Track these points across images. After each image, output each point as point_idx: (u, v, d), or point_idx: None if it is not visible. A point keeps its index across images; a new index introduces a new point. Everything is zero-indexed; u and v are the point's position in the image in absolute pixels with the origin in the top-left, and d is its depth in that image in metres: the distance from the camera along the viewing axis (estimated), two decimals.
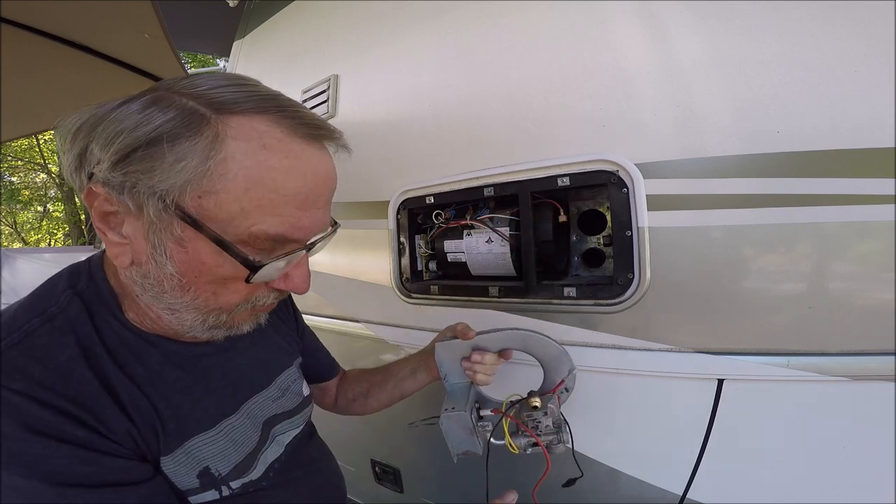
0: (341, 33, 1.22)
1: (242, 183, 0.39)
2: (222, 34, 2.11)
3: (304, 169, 0.42)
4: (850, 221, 0.62)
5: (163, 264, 0.42)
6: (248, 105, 0.40)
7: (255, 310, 0.50)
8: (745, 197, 0.67)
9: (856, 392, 0.65)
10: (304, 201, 0.43)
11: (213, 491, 0.51)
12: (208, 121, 0.39)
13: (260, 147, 0.40)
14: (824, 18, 0.64)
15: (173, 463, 0.48)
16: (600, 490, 0.85)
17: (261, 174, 0.40)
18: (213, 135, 0.39)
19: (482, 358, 0.69)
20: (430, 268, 1.04)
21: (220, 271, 0.42)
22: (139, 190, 0.39)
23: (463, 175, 0.92)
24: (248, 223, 0.40)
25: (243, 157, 0.39)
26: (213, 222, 0.40)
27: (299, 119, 0.42)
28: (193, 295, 0.44)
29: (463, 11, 0.95)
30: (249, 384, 0.60)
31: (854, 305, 0.65)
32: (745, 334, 0.69)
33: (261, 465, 0.58)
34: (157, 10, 1.15)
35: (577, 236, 0.91)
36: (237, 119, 0.40)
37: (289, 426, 0.65)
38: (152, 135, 0.38)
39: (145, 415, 0.46)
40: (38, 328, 0.43)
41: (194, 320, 0.46)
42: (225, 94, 0.41)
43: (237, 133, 0.39)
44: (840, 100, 0.63)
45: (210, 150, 0.38)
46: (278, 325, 0.72)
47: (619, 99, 0.75)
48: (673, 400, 0.76)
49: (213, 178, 0.39)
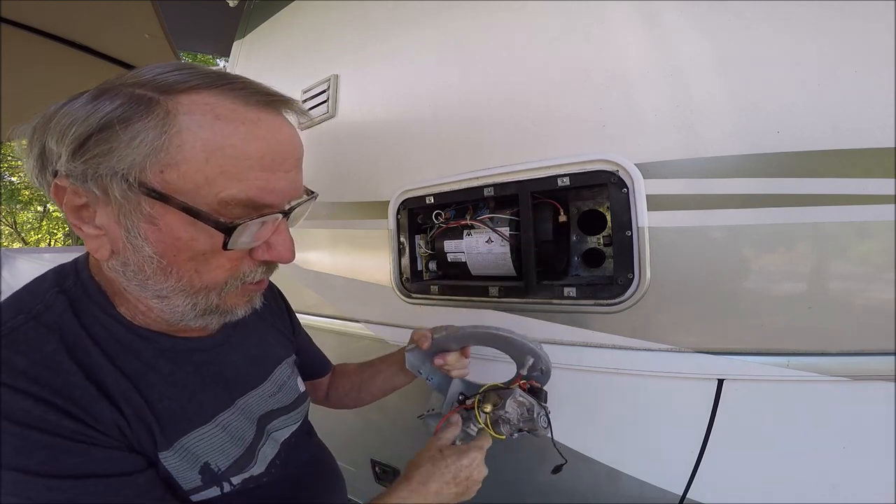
0: (341, 33, 1.22)
1: (201, 153, 0.40)
2: (222, 34, 2.10)
3: (262, 133, 0.43)
4: (850, 221, 0.62)
5: (139, 247, 0.42)
6: (194, 83, 0.41)
7: (246, 289, 0.49)
8: (745, 197, 0.67)
9: (856, 392, 0.65)
10: (269, 164, 0.43)
11: (215, 487, 0.51)
12: (157, 101, 0.40)
13: (213, 118, 0.40)
14: (824, 18, 0.64)
15: (175, 458, 0.48)
16: (600, 490, 0.85)
17: (219, 142, 0.40)
18: (164, 112, 0.39)
19: (445, 360, 0.73)
20: (430, 268, 1.04)
21: (196, 245, 0.42)
22: (101, 174, 0.39)
23: (463, 175, 0.92)
24: (215, 191, 0.41)
25: (198, 129, 0.40)
26: (180, 194, 0.40)
27: (249, 89, 0.43)
28: (177, 276, 0.44)
29: (463, 11, 0.95)
30: (244, 379, 0.60)
31: (854, 305, 0.65)
32: (745, 334, 0.69)
33: (261, 460, 0.57)
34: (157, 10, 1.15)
35: (577, 236, 0.91)
36: (186, 96, 0.41)
37: (286, 422, 0.65)
38: (103, 120, 0.39)
39: (136, 407, 0.46)
40: (21, 325, 0.43)
41: (185, 305, 0.46)
42: (169, 77, 0.41)
43: (188, 109, 0.40)
44: (840, 100, 0.63)
45: (163, 125, 0.39)
46: (273, 322, 0.72)
47: (619, 99, 0.75)
48: (673, 400, 0.76)
49: (171, 151, 0.39)
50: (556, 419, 0.67)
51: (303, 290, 1.29)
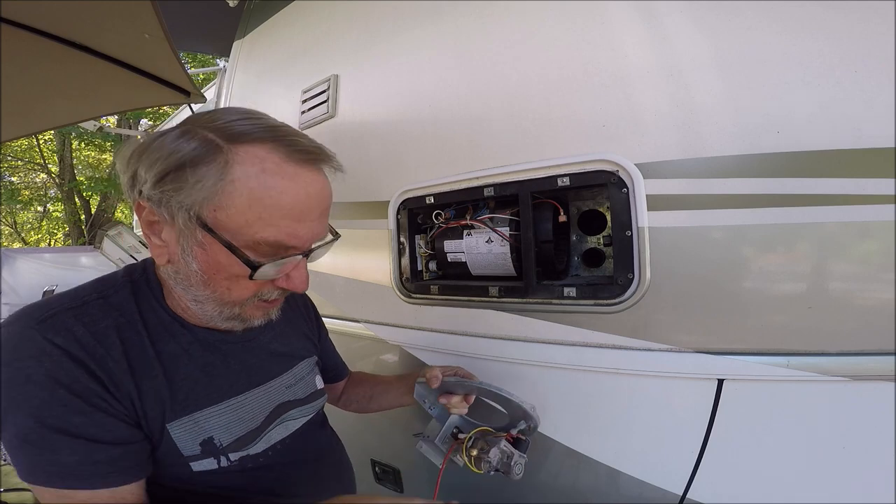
0: (341, 33, 1.22)
1: (246, 200, 0.49)
2: (222, 34, 2.11)
3: (297, 188, 0.51)
4: (850, 221, 0.62)
5: (189, 263, 0.52)
6: (254, 136, 0.50)
7: (264, 305, 0.59)
8: (745, 197, 0.67)
9: (856, 392, 0.65)
10: (298, 214, 0.52)
11: (212, 459, 0.58)
12: (221, 149, 0.49)
13: (261, 171, 0.49)
14: (824, 18, 0.64)
15: (179, 429, 0.56)
16: (600, 490, 0.85)
17: (261, 193, 0.49)
18: (224, 161, 0.48)
19: (449, 400, 0.81)
20: (430, 268, 1.04)
21: (232, 269, 0.52)
22: (171, 204, 0.49)
23: (463, 175, 0.92)
24: (252, 232, 0.50)
25: (247, 179, 0.48)
26: (225, 231, 0.50)
27: (294, 146, 0.51)
28: (213, 289, 0.54)
29: (463, 11, 0.95)
30: (264, 371, 0.68)
31: (854, 305, 0.65)
32: (745, 334, 0.69)
33: (263, 442, 0.64)
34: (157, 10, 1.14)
35: (577, 236, 0.91)
36: (244, 147, 0.49)
37: (299, 413, 0.71)
38: (180, 161, 0.48)
39: (157, 382, 0.55)
40: (93, 301, 0.55)
41: (213, 311, 0.57)
42: (237, 126, 0.50)
43: (243, 159, 0.49)
44: (840, 100, 0.63)
45: (222, 173, 0.48)
46: (300, 326, 0.80)
47: (619, 99, 0.75)
48: (673, 400, 0.76)
49: (224, 196, 0.48)
50: (556, 419, 0.67)
51: None
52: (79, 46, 1.34)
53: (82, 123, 2.06)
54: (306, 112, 1.27)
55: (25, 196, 11.55)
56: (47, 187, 12.04)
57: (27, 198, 11.63)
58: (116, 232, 3.96)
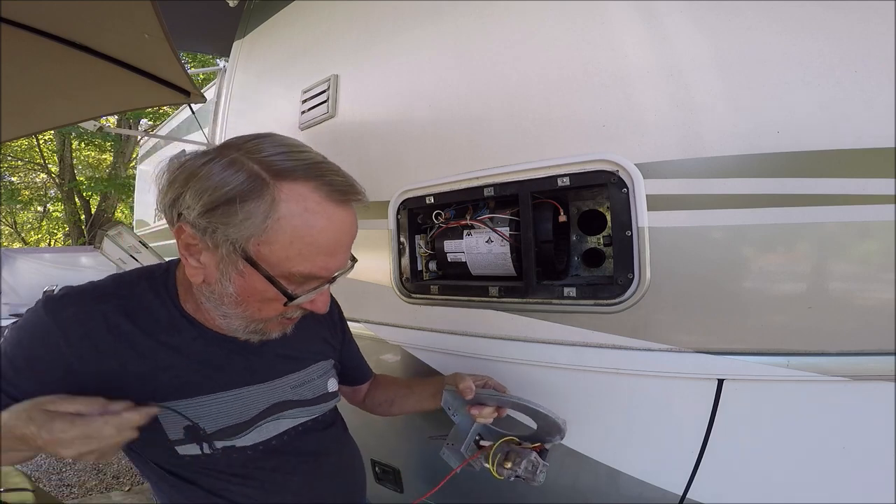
0: (341, 33, 1.22)
1: (289, 237, 0.53)
2: (222, 34, 2.11)
3: (334, 227, 0.55)
4: (850, 221, 0.62)
5: (226, 287, 0.56)
6: (298, 173, 0.53)
7: (285, 322, 0.64)
8: (745, 197, 0.67)
9: (856, 392, 0.65)
10: (331, 250, 0.56)
11: (195, 445, 0.62)
12: (268, 185, 0.52)
13: (304, 210, 0.53)
14: (824, 18, 0.64)
15: (166, 412, 0.59)
16: (600, 490, 0.85)
17: (302, 231, 0.53)
18: (271, 199, 0.51)
19: (480, 411, 0.79)
20: (430, 268, 1.04)
21: (266, 294, 0.56)
22: (217, 235, 0.52)
23: (463, 175, 0.92)
24: (289, 265, 0.54)
25: (292, 218, 0.52)
26: (265, 263, 0.54)
27: (333, 186, 0.55)
28: (244, 308, 0.58)
29: (463, 11, 0.95)
30: (268, 370, 0.70)
31: (854, 305, 0.65)
32: (745, 334, 0.69)
33: (252, 435, 0.66)
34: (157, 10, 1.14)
35: (577, 236, 0.91)
36: (289, 185, 0.52)
37: (301, 413, 0.72)
38: (230, 195, 0.51)
39: (148, 368, 0.59)
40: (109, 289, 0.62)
41: (239, 326, 0.61)
42: (283, 162, 0.53)
43: (288, 197, 0.52)
44: (840, 100, 0.63)
45: (269, 210, 0.51)
46: (319, 330, 0.81)
47: (619, 99, 0.75)
48: (673, 400, 0.76)
49: (269, 233, 0.52)
50: None
51: None
52: (79, 46, 1.34)
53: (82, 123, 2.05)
54: (306, 112, 1.27)
55: (25, 196, 11.55)
56: (47, 187, 12.04)
57: (27, 198, 11.63)
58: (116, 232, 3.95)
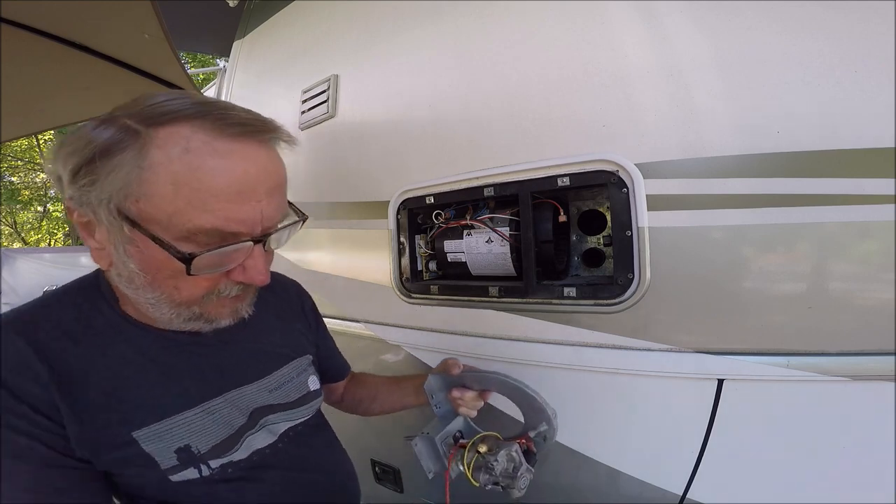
0: (341, 33, 1.22)
1: (170, 185, 0.43)
2: (222, 34, 2.10)
3: (230, 165, 0.45)
4: (850, 221, 0.62)
5: (126, 263, 0.47)
6: (177, 115, 0.44)
7: (229, 302, 0.53)
8: (745, 197, 0.67)
9: (856, 392, 0.65)
10: (236, 195, 0.45)
11: (193, 469, 0.54)
12: (138, 134, 0.43)
13: (184, 151, 0.43)
14: (824, 18, 0.64)
15: (149, 438, 0.52)
16: (600, 490, 0.85)
17: (187, 175, 0.43)
18: (139, 146, 0.43)
19: (462, 395, 0.74)
20: (430, 268, 1.04)
21: (171, 265, 0.46)
22: (90, 200, 0.45)
23: (463, 175, 0.92)
24: (183, 221, 0.44)
25: (168, 163, 0.43)
26: (153, 223, 0.44)
27: (225, 120, 0.45)
28: (161, 290, 0.49)
29: (463, 11, 0.95)
30: (240, 374, 0.62)
31: (854, 305, 0.65)
32: (745, 334, 0.69)
33: (244, 448, 0.59)
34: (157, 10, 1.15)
35: (577, 236, 0.91)
36: (165, 129, 0.44)
37: (285, 417, 0.66)
38: (91, 152, 0.44)
39: (109, 390, 0.51)
40: (27, 314, 0.51)
41: (170, 313, 0.51)
42: (158, 108, 0.45)
43: (163, 142, 0.43)
44: (840, 100, 0.62)
45: (137, 159, 0.43)
46: (292, 322, 0.74)
47: (619, 99, 0.75)
48: (673, 400, 0.76)
49: (144, 184, 0.43)
50: None
51: None
52: (79, 46, 1.34)
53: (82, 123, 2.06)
54: (306, 112, 1.27)
55: (25, 196, 11.55)
56: (47, 187, 12.03)
57: (27, 198, 11.63)
58: None
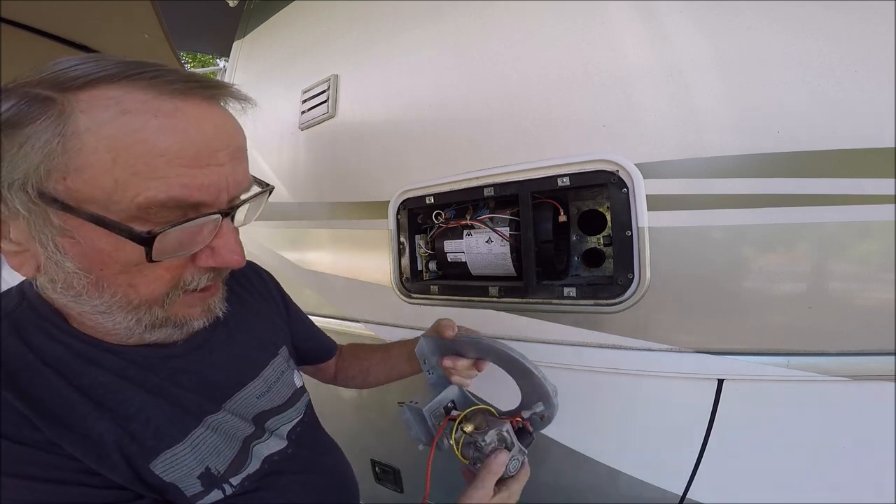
0: (341, 33, 1.22)
1: (107, 154, 0.35)
2: (222, 34, 2.10)
3: (180, 124, 0.37)
4: (850, 221, 0.62)
5: (60, 262, 0.38)
6: (98, 76, 0.36)
7: (194, 298, 0.45)
8: (745, 197, 0.67)
9: (856, 392, 0.65)
10: (193, 158, 0.38)
11: (217, 491, 0.50)
12: (52, 101, 0.35)
13: (119, 113, 0.35)
14: (824, 18, 0.64)
15: (169, 467, 0.46)
16: (600, 490, 0.85)
17: (126, 139, 0.35)
18: (57, 112, 0.35)
19: (454, 363, 0.68)
20: (430, 268, 1.04)
21: (123, 256, 0.38)
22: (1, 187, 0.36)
23: (463, 175, 0.92)
24: (130, 195, 0.36)
25: (100, 128, 0.35)
26: (90, 203, 0.36)
27: (165, 77, 0.38)
28: (111, 292, 0.40)
29: (463, 11, 0.95)
30: (231, 380, 0.57)
31: (854, 305, 0.65)
32: (745, 334, 0.69)
33: (255, 458, 0.55)
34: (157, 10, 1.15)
35: (577, 236, 0.91)
36: (87, 92, 0.36)
37: (280, 421, 0.62)
38: None
39: (116, 419, 0.44)
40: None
41: (128, 321, 0.42)
42: (70, 72, 0.36)
43: (88, 106, 0.35)
44: (840, 100, 0.62)
45: (57, 126, 0.35)
46: (266, 313, 0.68)
47: (619, 99, 0.75)
48: (673, 400, 0.76)
49: (70, 155, 0.35)
50: (556, 419, 0.67)
51: (303, 290, 1.29)
52: (79, 46, 1.34)
53: None
54: (306, 112, 1.27)
55: None
56: None
57: None
58: None
